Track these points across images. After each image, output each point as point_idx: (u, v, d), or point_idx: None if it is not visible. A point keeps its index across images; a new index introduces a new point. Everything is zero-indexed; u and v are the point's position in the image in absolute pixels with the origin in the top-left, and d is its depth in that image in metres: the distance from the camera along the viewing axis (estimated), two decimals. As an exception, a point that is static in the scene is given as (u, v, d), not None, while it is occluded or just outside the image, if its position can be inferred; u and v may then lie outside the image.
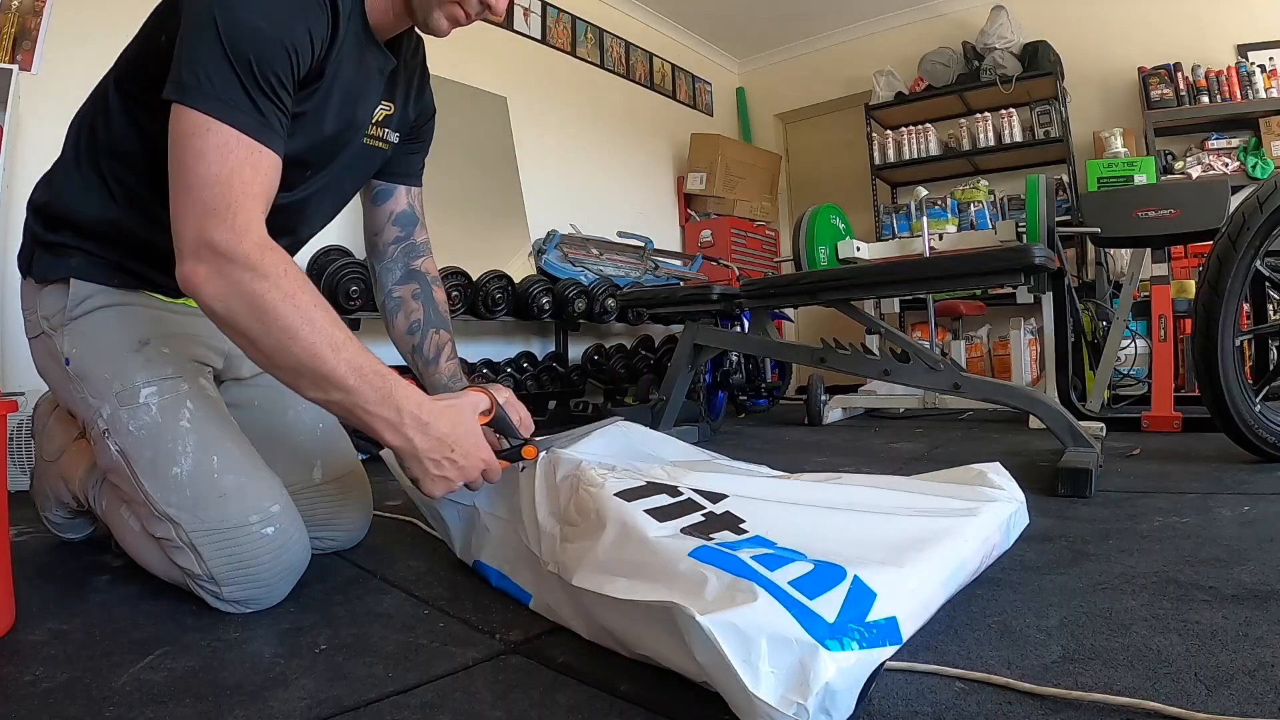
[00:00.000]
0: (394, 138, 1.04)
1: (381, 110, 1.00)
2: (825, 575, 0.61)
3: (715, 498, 0.81)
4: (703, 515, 0.77)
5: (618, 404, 3.42)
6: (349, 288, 2.46)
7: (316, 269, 2.51)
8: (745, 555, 0.63)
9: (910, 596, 0.63)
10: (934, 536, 0.74)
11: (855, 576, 0.61)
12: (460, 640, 0.76)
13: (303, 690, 0.64)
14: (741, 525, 0.76)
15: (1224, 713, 0.52)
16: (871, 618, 0.57)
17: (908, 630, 0.60)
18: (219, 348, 1.03)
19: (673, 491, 0.81)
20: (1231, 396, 1.50)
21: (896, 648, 0.58)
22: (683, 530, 0.72)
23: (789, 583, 0.59)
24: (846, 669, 0.53)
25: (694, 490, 0.82)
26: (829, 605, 0.57)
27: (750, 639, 0.53)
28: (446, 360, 1.11)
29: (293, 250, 1.05)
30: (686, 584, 0.61)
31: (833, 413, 3.07)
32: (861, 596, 0.59)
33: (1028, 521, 0.94)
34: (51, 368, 0.95)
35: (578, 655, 0.70)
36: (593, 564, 0.71)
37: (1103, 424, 2.09)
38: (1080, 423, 1.60)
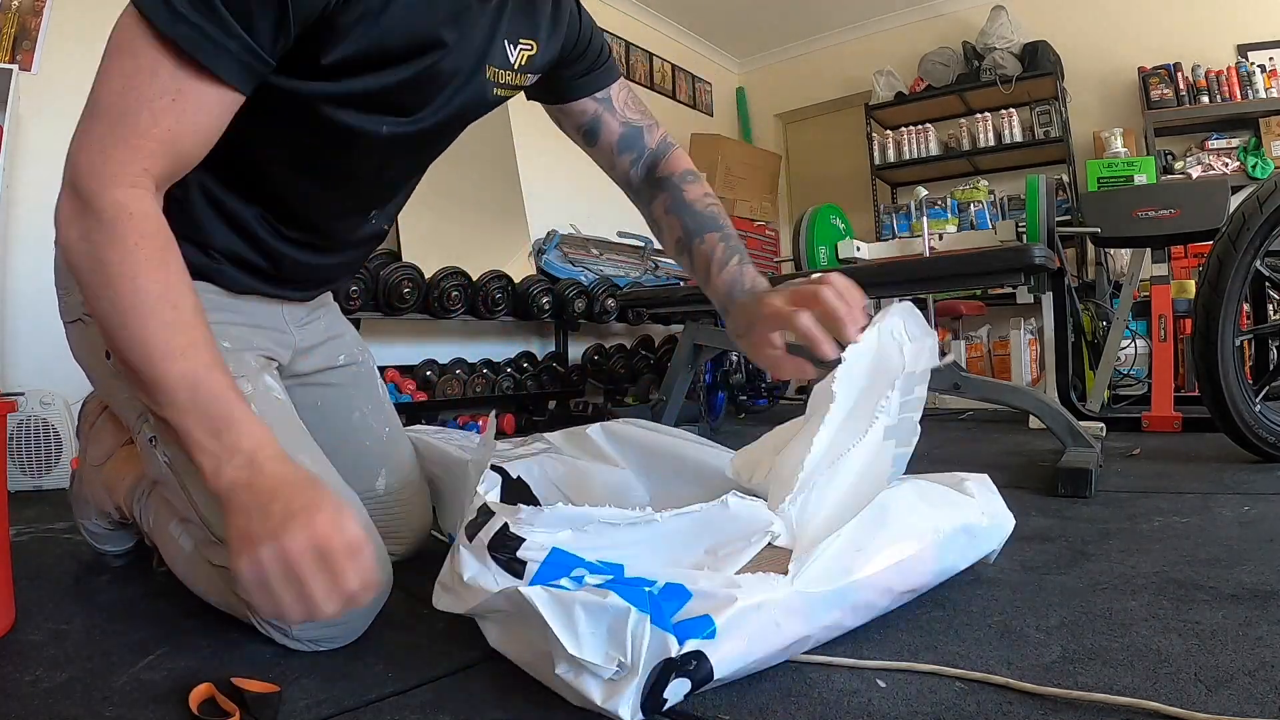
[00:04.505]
0: (531, 79, 0.90)
1: (523, 51, 0.85)
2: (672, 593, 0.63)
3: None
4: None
5: (618, 404, 3.42)
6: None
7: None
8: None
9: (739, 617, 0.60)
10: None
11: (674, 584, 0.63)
12: (460, 640, 0.76)
13: (303, 690, 0.64)
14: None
15: (1224, 713, 0.52)
16: (680, 617, 0.59)
17: (731, 643, 0.59)
18: (284, 340, 0.92)
19: None
20: (1231, 396, 1.50)
21: (709, 642, 0.57)
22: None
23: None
24: (657, 643, 0.56)
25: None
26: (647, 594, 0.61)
27: (567, 603, 0.58)
28: (724, 270, 0.92)
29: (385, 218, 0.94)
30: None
31: (833, 413, 3.05)
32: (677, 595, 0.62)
33: (996, 550, 0.86)
34: (91, 359, 0.81)
35: (578, 655, 0.70)
36: None
37: (1103, 424, 2.09)
38: (1080, 423, 1.60)
